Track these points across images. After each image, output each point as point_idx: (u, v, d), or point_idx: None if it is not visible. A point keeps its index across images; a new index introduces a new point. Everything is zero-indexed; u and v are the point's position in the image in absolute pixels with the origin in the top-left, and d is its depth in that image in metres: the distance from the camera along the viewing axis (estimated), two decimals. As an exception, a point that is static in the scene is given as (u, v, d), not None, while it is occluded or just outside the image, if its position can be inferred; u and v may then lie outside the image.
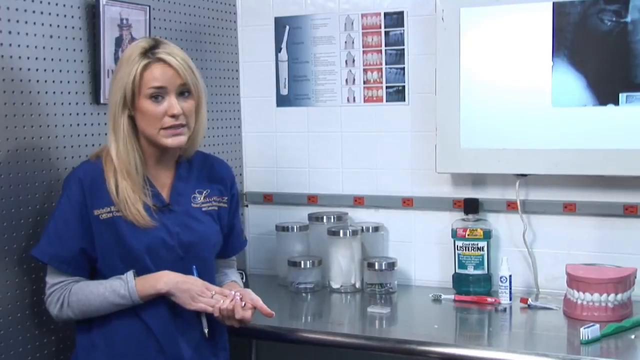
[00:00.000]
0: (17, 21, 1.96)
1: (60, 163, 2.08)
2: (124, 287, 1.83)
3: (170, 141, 1.86)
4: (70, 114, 2.13)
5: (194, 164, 2.01)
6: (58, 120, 2.09)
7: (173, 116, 1.85)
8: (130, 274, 1.85)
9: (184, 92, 1.88)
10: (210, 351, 1.97)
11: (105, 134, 1.97)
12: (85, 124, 2.17)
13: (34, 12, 2.01)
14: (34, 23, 2.01)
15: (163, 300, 1.86)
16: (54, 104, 2.08)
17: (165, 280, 1.84)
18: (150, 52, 1.85)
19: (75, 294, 1.86)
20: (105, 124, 2.06)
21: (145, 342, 1.88)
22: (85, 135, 2.17)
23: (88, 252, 1.87)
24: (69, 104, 2.12)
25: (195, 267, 1.91)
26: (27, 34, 1.99)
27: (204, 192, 1.99)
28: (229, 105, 2.87)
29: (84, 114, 2.17)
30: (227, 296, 1.88)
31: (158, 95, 1.84)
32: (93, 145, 2.17)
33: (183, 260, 1.90)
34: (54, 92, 2.08)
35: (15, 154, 1.95)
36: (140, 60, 1.84)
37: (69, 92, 2.12)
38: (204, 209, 1.98)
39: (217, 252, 2.03)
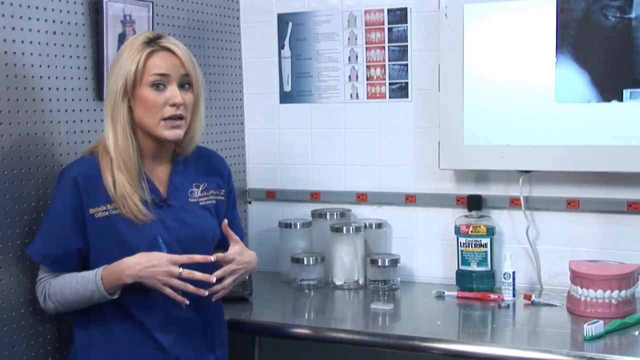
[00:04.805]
0: (21, 17, 1.96)
1: (64, 159, 2.07)
2: (92, 281, 1.81)
3: (169, 133, 1.85)
4: (74, 110, 2.13)
5: (190, 158, 1.99)
6: (61, 117, 2.09)
7: (174, 105, 1.84)
8: (100, 269, 1.82)
9: (184, 83, 1.87)
10: (207, 347, 1.97)
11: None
12: (88, 120, 2.17)
13: (37, 8, 2.01)
14: (37, 19, 2.01)
15: (154, 299, 1.85)
16: (57, 100, 2.08)
17: (127, 273, 1.79)
18: (154, 41, 1.85)
19: (53, 287, 1.86)
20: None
21: (142, 340, 1.87)
22: (89, 131, 2.16)
23: (82, 252, 1.87)
24: (72, 100, 2.12)
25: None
26: (30, 30, 1.99)
27: (202, 185, 1.98)
28: (231, 102, 2.87)
29: (87, 110, 2.17)
30: (200, 261, 1.82)
31: (160, 83, 1.83)
32: (97, 142, 2.16)
33: None
34: (57, 89, 2.08)
35: (18, 150, 1.95)
36: (144, 48, 1.83)
37: (72, 89, 2.12)
38: (201, 204, 1.97)
39: (216, 245, 2.01)
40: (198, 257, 1.82)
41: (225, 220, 1.93)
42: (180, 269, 1.80)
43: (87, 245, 1.86)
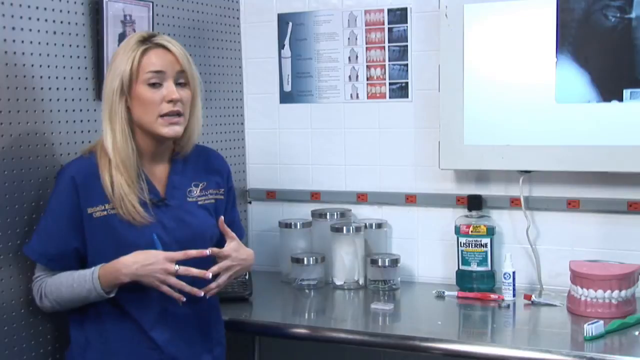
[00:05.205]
0: (21, 17, 1.96)
1: (63, 159, 2.07)
2: (89, 280, 1.81)
3: (167, 130, 1.85)
4: (73, 110, 2.13)
5: (189, 157, 1.99)
6: (61, 116, 2.09)
7: (171, 101, 1.83)
8: (97, 268, 1.83)
9: (181, 81, 1.87)
10: (204, 346, 1.97)
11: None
12: (87, 120, 2.17)
13: (37, 8, 2.01)
14: (38, 19, 2.01)
15: (151, 297, 1.85)
16: (57, 100, 2.08)
17: (124, 272, 1.79)
18: (148, 40, 1.86)
19: (49, 286, 1.86)
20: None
21: (137, 339, 1.87)
22: (88, 131, 2.16)
23: (79, 251, 1.87)
24: (72, 100, 2.12)
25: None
26: (30, 30, 1.99)
27: (201, 184, 1.98)
28: (232, 102, 2.87)
29: (87, 110, 2.17)
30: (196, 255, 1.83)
31: (156, 81, 1.83)
32: (96, 141, 2.16)
33: None
34: (57, 89, 2.08)
35: (18, 149, 1.95)
36: (138, 47, 1.84)
37: (72, 89, 2.12)
38: (199, 203, 1.97)
39: (215, 245, 1.99)
40: (193, 252, 1.83)
41: (222, 217, 1.93)
42: (177, 266, 1.80)
43: (85, 245, 1.86)
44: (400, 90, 2.70)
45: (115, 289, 1.83)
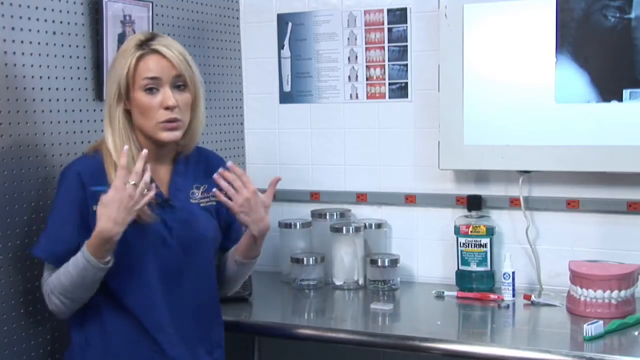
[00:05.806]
0: (20, 17, 1.96)
1: (63, 159, 2.07)
2: (80, 257, 1.77)
3: (166, 135, 1.85)
4: (73, 111, 2.13)
5: (190, 159, 1.99)
6: (60, 117, 2.09)
7: (167, 108, 1.83)
8: (84, 245, 1.78)
9: (179, 84, 1.86)
10: (205, 349, 1.97)
11: (108, 130, 1.96)
12: (87, 120, 2.17)
13: (37, 8, 2.01)
14: (37, 19, 2.01)
15: (152, 298, 1.85)
16: (57, 100, 2.08)
17: (105, 230, 1.72)
18: (145, 44, 1.85)
19: (52, 281, 1.84)
20: (108, 120, 2.05)
21: (138, 341, 1.86)
22: (88, 131, 2.17)
23: None
24: (72, 100, 2.13)
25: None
26: (30, 30, 1.99)
27: (202, 187, 1.98)
28: (231, 102, 2.88)
29: (87, 110, 2.17)
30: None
31: (152, 87, 1.83)
32: (96, 141, 2.15)
33: (182, 257, 1.89)
34: (57, 89, 2.08)
35: (18, 150, 1.95)
36: (135, 52, 1.83)
37: (71, 89, 2.12)
38: (202, 205, 1.97)
39: (217, 246, 2.00)
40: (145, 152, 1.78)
41: (277, 177, 1.99)
42: (132, 181, 1.74)
43: None
44: (400, 91, 2.70)
45: (112, 259, 1.78)
